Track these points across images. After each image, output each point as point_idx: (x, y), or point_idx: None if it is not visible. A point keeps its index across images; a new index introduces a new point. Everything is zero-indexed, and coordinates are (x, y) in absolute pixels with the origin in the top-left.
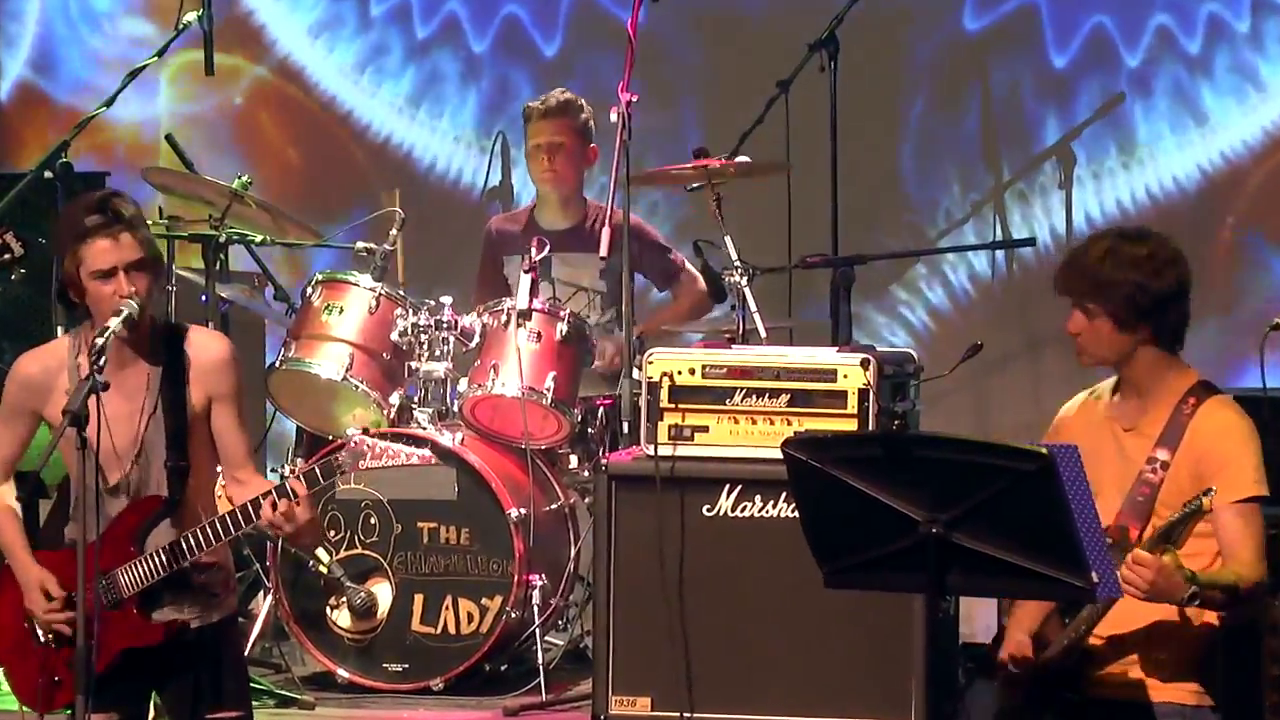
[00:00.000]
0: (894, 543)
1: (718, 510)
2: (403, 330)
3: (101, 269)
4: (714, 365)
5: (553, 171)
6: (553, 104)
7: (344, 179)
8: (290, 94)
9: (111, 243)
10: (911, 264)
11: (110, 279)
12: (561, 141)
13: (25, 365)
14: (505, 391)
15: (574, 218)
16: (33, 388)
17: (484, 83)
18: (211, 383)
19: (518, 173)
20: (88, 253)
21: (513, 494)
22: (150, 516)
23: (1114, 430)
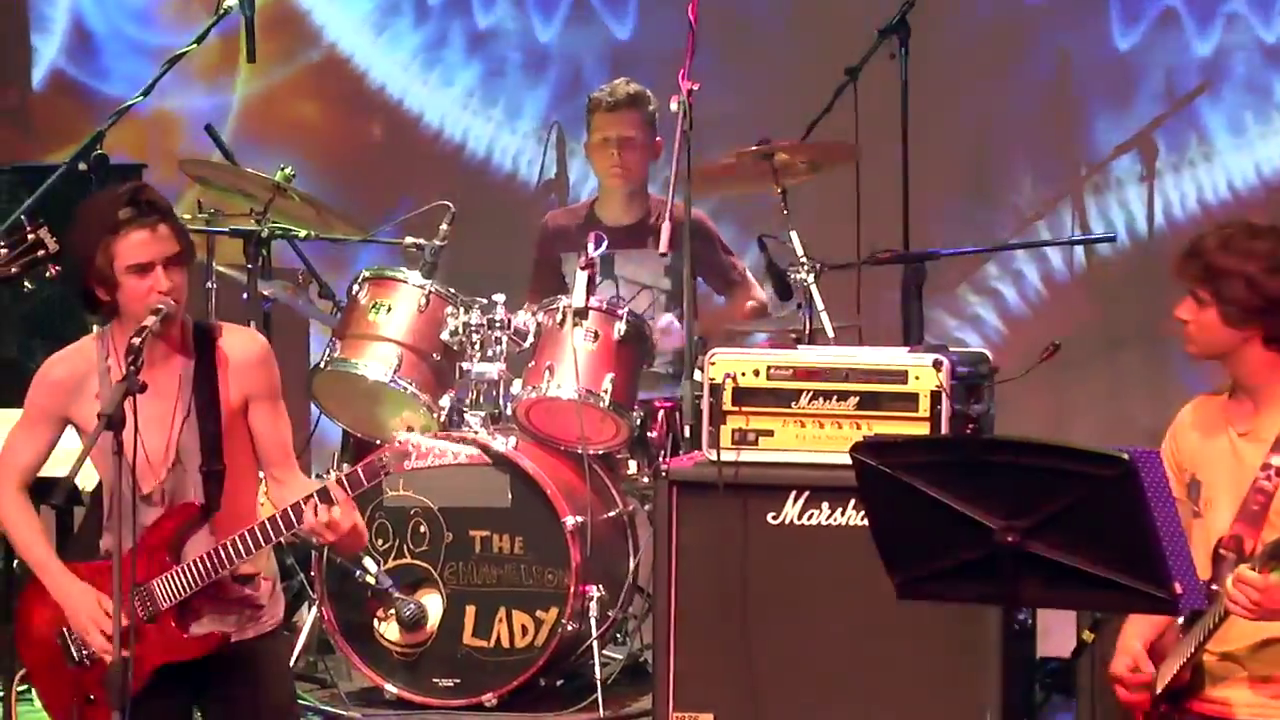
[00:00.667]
0: (968, 552)
1: (783, 518)
2: (454, 330)
3: (139, 263)
4: (779, 366)
5: (621, 167)
6: (621, 96)
7: (393, 171)
8: (337, 82)
9: (149, 235)
10: (985, 261)
11: (147, 274)
12: (631, 136)
13: (53, 368)
14: (561, 394)
15: (637, 213)
16: (61, 391)
17: (542, 71)
18: (247, 381)
19: (574, 164)
20: (123, 245)
21: (569, 501)
22: (186, 524)
23: (1229, 433)
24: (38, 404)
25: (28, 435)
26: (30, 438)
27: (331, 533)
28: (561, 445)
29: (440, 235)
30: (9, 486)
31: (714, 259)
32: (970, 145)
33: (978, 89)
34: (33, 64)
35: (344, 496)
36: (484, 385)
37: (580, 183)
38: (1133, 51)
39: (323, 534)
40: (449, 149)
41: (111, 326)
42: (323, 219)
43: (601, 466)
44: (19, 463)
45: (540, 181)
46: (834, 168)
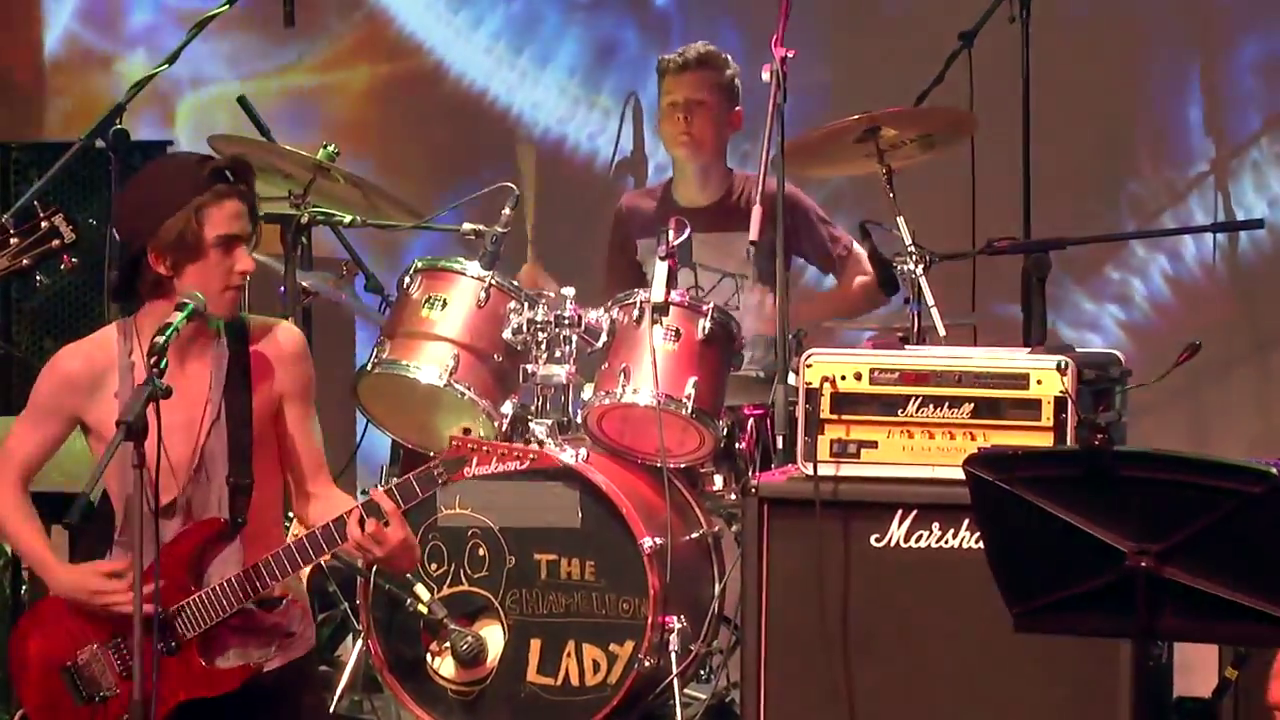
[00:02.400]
0: (1096, 578)
1: (888, 540)
2: (517, 327)
3: (231, 233)
4: (884, 369)
5: (688, 134)
6: (691, 56)
7: (449, 149)
8: (384, 49)
9: (246, 208)
10: (1117, 250)
11: (233, 250)
12: (701, 99)
13: (67, 360)
14: (638, 400)
15: (716, 192)
16: (74, 387)
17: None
18: (280, 379)
19: (654, 141)
20: (219, 213)
21: (646, 521)
22: (208, 542)
23: None
24: (46, 397)
25: (31, 428)
26: (33, 434)
27: (379, 548)
28: (638, 458)
29: (502, 221)
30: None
31: (810, 234)
32: (1099, 119)
33: (1108, 56)
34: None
35: (392, 507)
36: (551, 390)
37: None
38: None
39: (370, 549)
40: (513, 124)
41: (137, 317)
42: (370, 202)
43: (683, 482)
44: (18, 456)
45: (615, 160)
46: (947, 144)
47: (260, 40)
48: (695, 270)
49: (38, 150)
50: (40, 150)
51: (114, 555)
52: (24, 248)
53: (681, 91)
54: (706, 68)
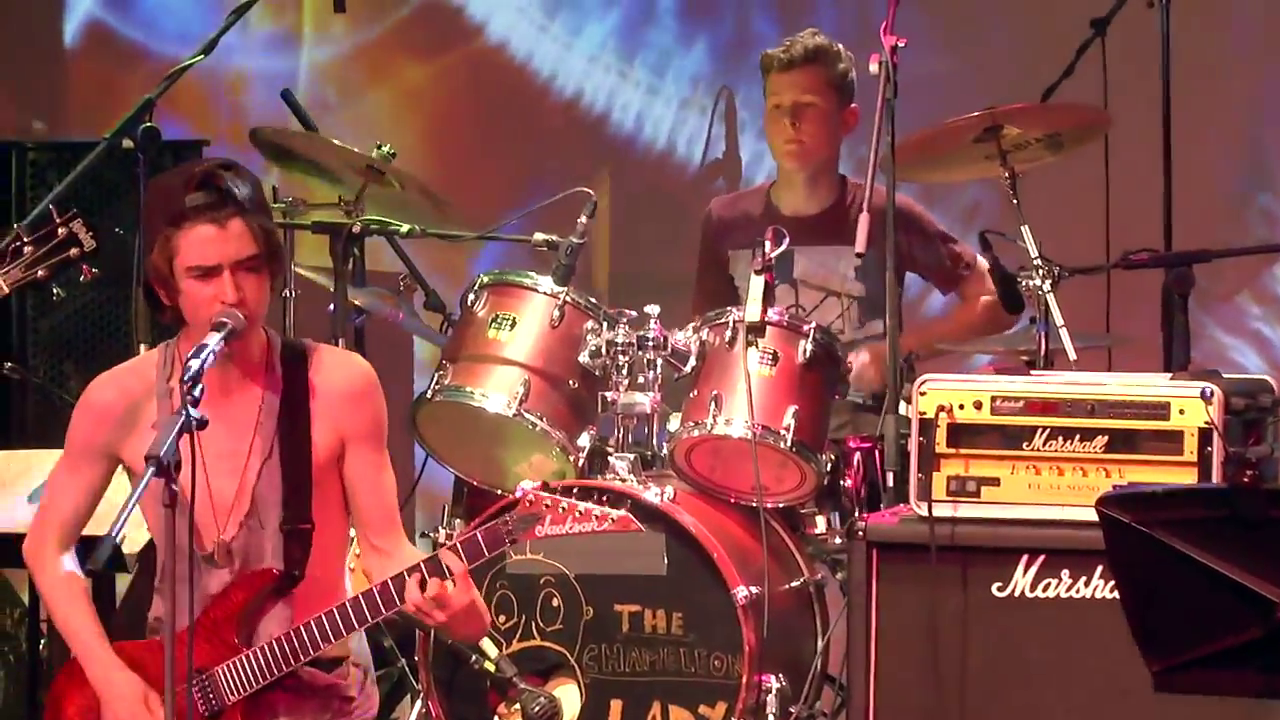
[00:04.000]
0: (1246, 632)
1: (1012, 589)
2: (595, 350)
3: (201, 265)
4: (1007, 397)
5: (798, 142)
6: (798, 52)
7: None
8: (447, 38)
9: (216, 230)
10: (1269, 263)
11: (212, 278)
12: (810, 101)
13: (99, 392)
14: (730, 432)
15: (825, 199)
16: (108, 420)
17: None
18: (344, 418)
19: (747, 139)
20: (184, 241)
21: (740, 568)
22: (260, 596)
23: None
24: (80, 437)
25: (68, 478)
26: (71, 481)
27: (442, 612)
28: (731, 497)
29: (578, 230)
30: (47, 546)
31: (928, 250)
32: (1249, 116)
33: (1259, 45)
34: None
35: (460, 567)
36: (633, 420)
37: (755, 162)
38: None
39: (431, 613)
40: (589, 121)
41: (178, 339)
42: (431, 209)
43: (782, 524)
44: (59, 515)
45: (705, 161)
46: (1077, 145)
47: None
48: (796, 288)
49: (57, 150)
50: (60, 150)
51: (155, 603)
52: (39, 257)
53: (788, 93)
54: (816, 64)
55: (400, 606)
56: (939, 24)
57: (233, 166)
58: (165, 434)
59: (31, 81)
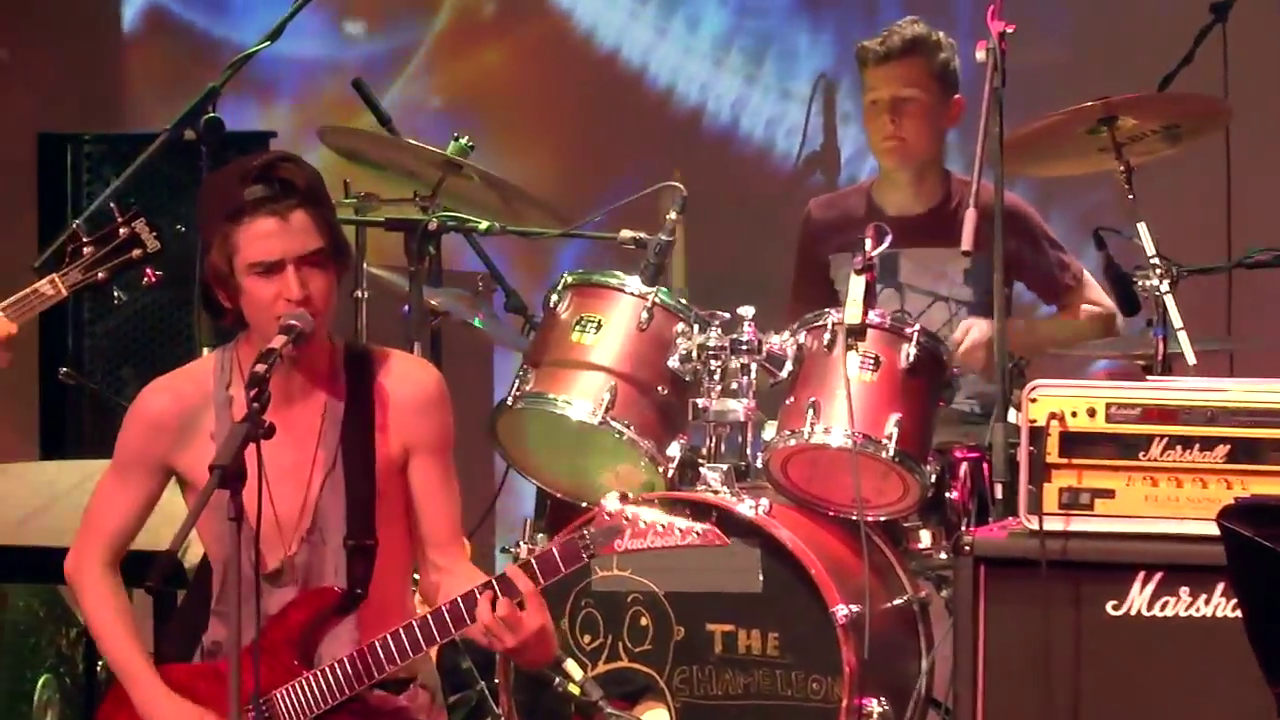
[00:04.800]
0: None
1: (1127, 607)
2: (686, 354)
3: (264, 260)
4: (1123, 404)
5: (898, 139)
6: (895, 43)
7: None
8: (526, 24)
9: (278, 224)
10: None
11: (275, 276)
12: (910, 95)
13: (153, 398)
14: (829, 441)
15: (931, 198)
16: (162, 429)
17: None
18: (410, 428)
19: (849, 133)
20: (244, 237)
21: (840, 585)
22: (322, 616)
23: None
24: (131, 446)
25: (117, 489)
26: (120, 493)
27: (511, 635)
28: (830, 510)
29: (667, 228)
30: (91, 562)
31: (1036, 257)
32: None
33: None
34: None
35: (530, 587)
36: (726, 429)
37: (857, 158)
38: None
39: (500, 636)
40: (680, 113)
41: (237, 344)
42: (511, 206)
43: (883, 538)
44: (105, 529)
45: (802, 156)
46: (1196, 137)
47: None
48: (901, 291)
49: (115, 142)
50: (118, 142)
51: (211, 626)
52: (99, 259)
53: (886, 87)
54: (915, 55)
55: (469, 627)
56: (1050, 9)
57: (292, 158)
58: (230, 444)
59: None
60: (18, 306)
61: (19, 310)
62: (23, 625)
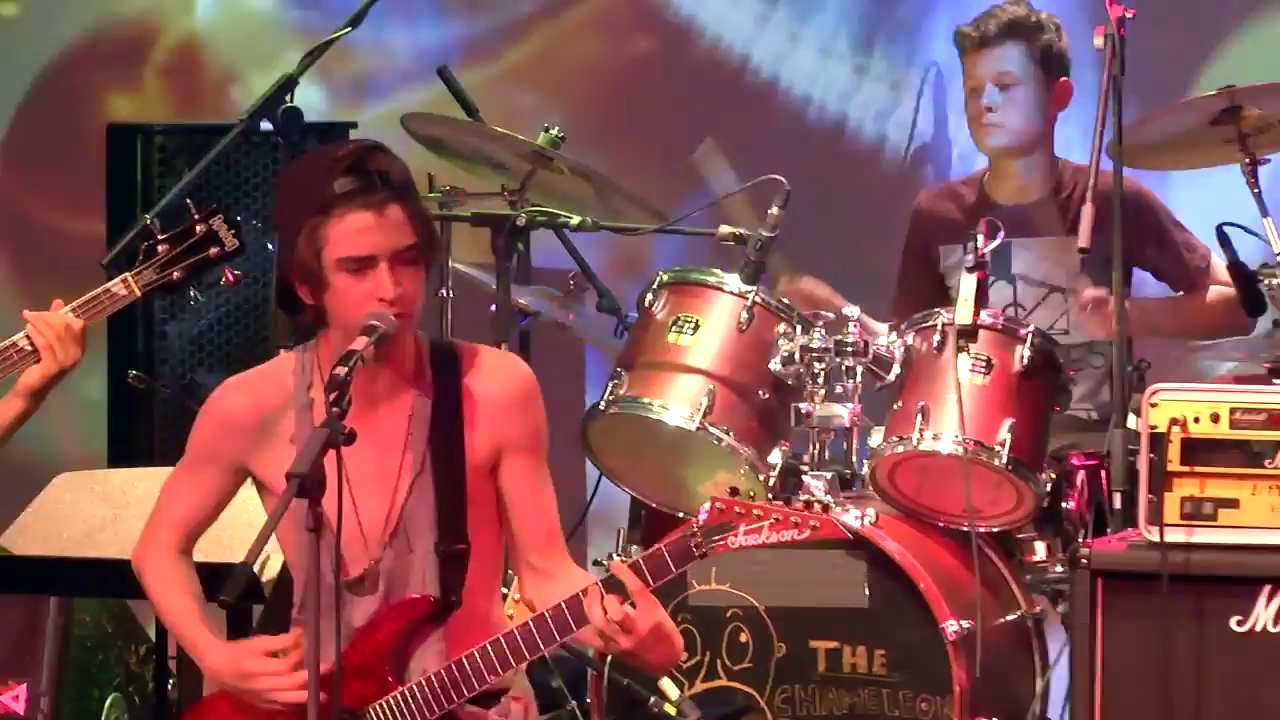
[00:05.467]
0: None
1: (1253, 623)
2: (788, 356)
3: (357, 256)
4: (1248, 409)
5: (998, 125)
6: (992, 28)
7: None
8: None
9: (373, 218)
10: None
11: (367, 272)
12: (1009, 80)
13: (229, 397)
14: (939, 448)
15: (1041, 187)
16: (237, 429)
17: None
18: (502, 426)
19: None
20: (336, 231)
21: (950, 599)
22: (412, 627)
23: None
24: (204, 443)
25: (187, 482)
26: (190, 486)
27: (627, 637)
28: (940, 520)
29: (769, 223)
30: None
31: (1162, 241)
32: None
33: None
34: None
35: (639, 585)
36: (830, 435)
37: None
38: None
39: (615, 638)
40: (784, 102)
41: (318, 342)
42: (604, 200)
43: (996, 551)
44: (173, 517)
45: (911, 148)
46: None
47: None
48: (1015, 284)
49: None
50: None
51: None
52: (174, 257)
53: (985, 73)
54: (1012, 38)
55: (576, 633)
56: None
57: (382, 147)
58: (308, 450)
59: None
60: (88, 307)
61: (89, 311)
62: (90, 642)
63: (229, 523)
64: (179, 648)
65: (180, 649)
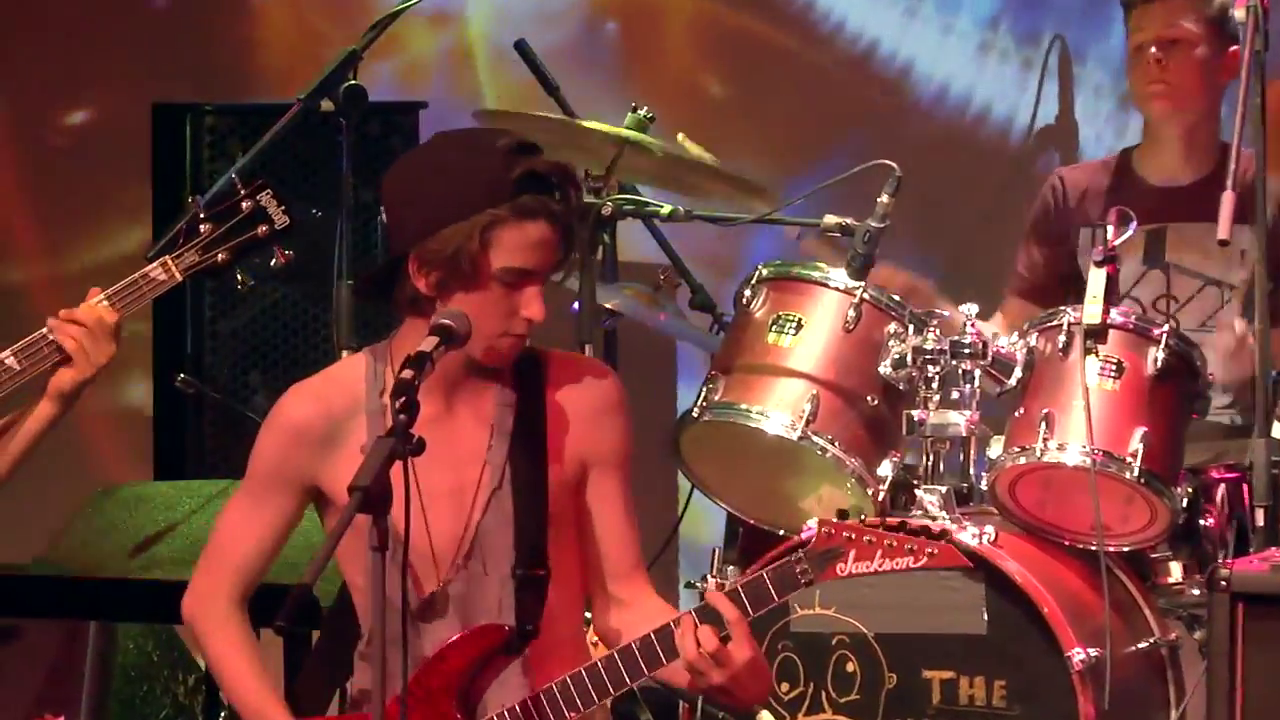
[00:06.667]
0: None
1: None
2: (899, 358)
3: (523, 269)
4: None
5: (1164, 83)
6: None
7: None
8: None
9: (550, 235)
10: None
11: (521, 287)
12: (1179, 36)
13: (297, 405)
14: (1064, 459)
15: (1202, 166)
16: (307, 441)
17: None
18: (587, 439)
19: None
20: (515, 237)
21: (1077, 625)
22: (486, 657)
23: None
24: (268, 459)
25: (248, 511)
26: (252, 515)
27: (719, 671)
28: (1065, 539)
29: (878, 212)
30: (216, 598)
31: None
32: None
33: None
34: None
35: (736, 615)
36: (945, 445)
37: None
38: None
39: (706, 673)
40: (890, 77)
41: (391, 343)
42: (698, 186)
43: (1128, 572)
44: (233, 558)
45: (1034, 128)
46: None
47: None
48: (1168, 273)
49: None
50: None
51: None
52: (218, 237)
53: (1153, 27)
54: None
55: (668, 665)
56: None
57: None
58: (372, 461)
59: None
60: (123, 295)
61: (125, 299)
62: (134, 670)
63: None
64: None
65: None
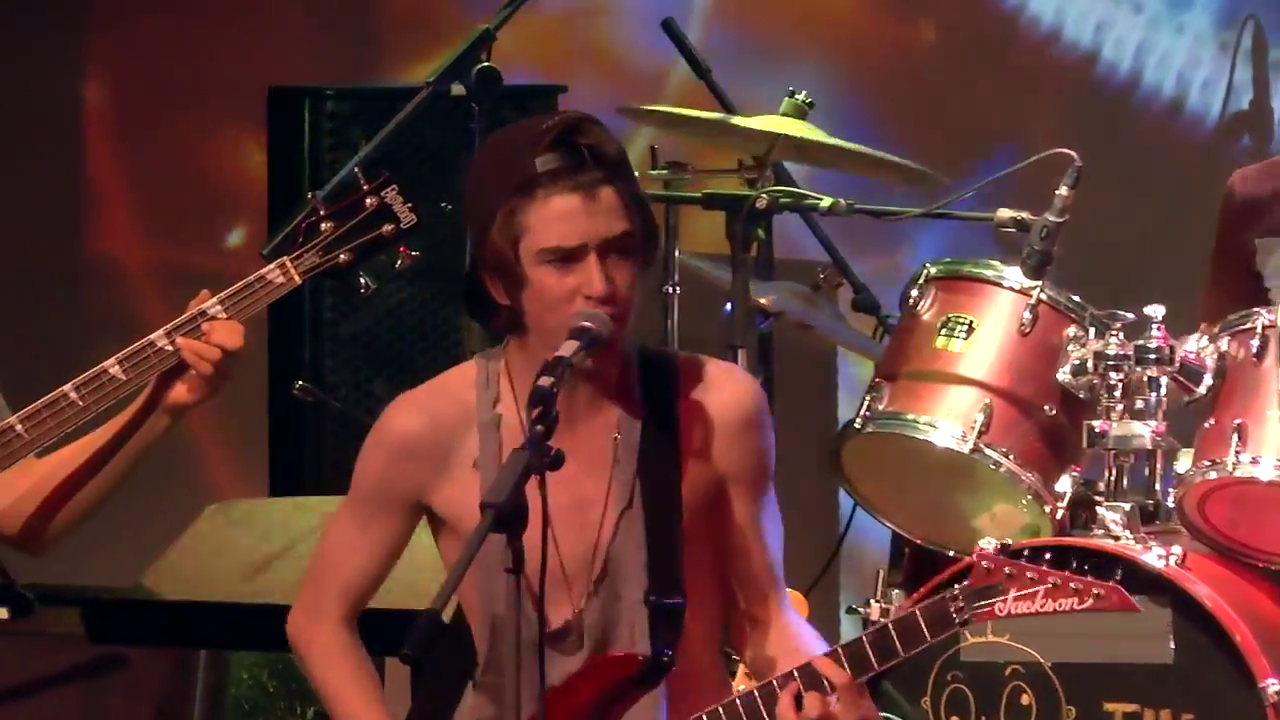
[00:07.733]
0: None
1: None
2: (1079, 365)
3: (562, 246)
4: None
5: None
6: None
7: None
8: None
9: (582, 201)
10: None
11: (573, 265)
12: None
13: (402, 418)
14: (1259, 474)
15: None
16: (415, 456)
17: None
18: (725, 452)
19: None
20: (538, 216)
21: (1271, 653)
22: (618, 689)
23: None
24: (373, 477)
25: (353, 531)
26: (357, 535)
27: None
28: (1259, 561)
29: (1057, 206)
30: (321, 619)
31: None
32: None
33: None
34: None
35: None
36: (1130, 458)
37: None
38: None
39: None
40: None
41: (505, 350)
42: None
43: None
44: (338, 579)
45: (1224, 115)
46: None
47: None
48: None
49: (365, 98)
50: (368, 98)
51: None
52: (340, 236)
53: None
54: None
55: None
56: None
57: (590, 120)
58: (506, 475)
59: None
60: (238, 299)
61: (240, 304)
62: (248, 702)
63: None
64: None
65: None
